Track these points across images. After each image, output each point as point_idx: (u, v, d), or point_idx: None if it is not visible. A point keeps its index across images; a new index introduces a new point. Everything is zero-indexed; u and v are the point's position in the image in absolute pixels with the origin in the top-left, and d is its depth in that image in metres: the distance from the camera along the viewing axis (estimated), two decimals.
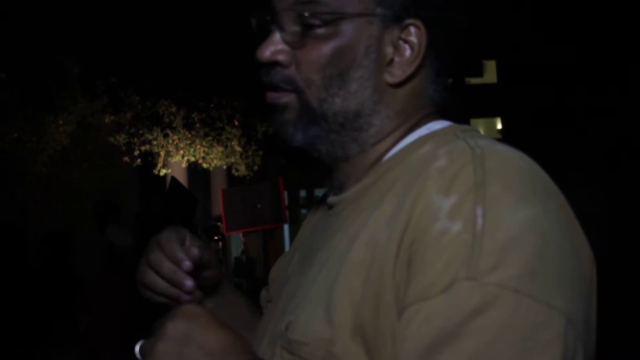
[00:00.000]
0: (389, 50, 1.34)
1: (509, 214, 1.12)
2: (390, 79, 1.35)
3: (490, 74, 23.80)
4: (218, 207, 16.58)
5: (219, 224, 14.65)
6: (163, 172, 15.50)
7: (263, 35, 1.41)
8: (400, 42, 1.35)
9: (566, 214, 1.21)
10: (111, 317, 5.70)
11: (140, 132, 15.02)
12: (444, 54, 1.38)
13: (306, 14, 1.32)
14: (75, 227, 13.12)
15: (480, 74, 24.29)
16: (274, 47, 1.36)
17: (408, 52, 1.34)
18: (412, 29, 1.34)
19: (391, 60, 1.35)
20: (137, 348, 1.24)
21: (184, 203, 6.96)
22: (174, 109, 14.96)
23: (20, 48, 12.50)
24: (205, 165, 15.97)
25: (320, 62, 1.33)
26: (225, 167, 16.72)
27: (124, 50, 13.39)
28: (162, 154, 15.41)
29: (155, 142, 15.21)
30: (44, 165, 13.77)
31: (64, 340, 6.08)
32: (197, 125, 15.28)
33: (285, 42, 1.35)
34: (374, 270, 1.20)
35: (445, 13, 1.36)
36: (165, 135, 15.22)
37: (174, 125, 15.13)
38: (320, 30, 1.32)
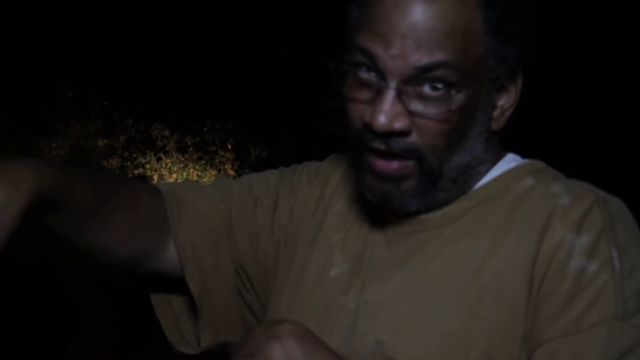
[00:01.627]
0: (494, 97, 1.30)
1: (638, 259, 1.20)
2: (494, 126, 1.32)
3: None
4: None
5: None
6: None
7: (341, 82, 1.29)
8: (500, 88, 1.31)
9: None
10: (104, 341, 5.68)
11: (134, 155, 15.03)
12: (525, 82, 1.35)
13: (435, 83, 1.20)
14: (68, 250, 13.07)
15: None
16: (392, 113, 1.21)
17: (505, 96, 1.32)
18: (512, 76, 1.31)
19: (494, 106, 1.31)
20: None
21: None
22: (167, 133, 14.97)
23: (14, 71, 12.51)
24: None
25: (449, 129, 1.23)
26: None
27: (117, 74, 13.41)
28: (155, 177, 15.40)
29: (148, 166, 15.20)
30: None
31: None
32: (191, 149, 15.29)
33: (406, 108, 1.22)
34: (503, 302, 1.22)
35: (537, 45, 1.33)
36: (159, 159, 15.23)
37: (167, 149, 15.14)
38: (448, 95, 1.21)
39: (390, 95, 1.21)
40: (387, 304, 1.32)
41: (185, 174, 15.50)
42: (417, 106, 1.21)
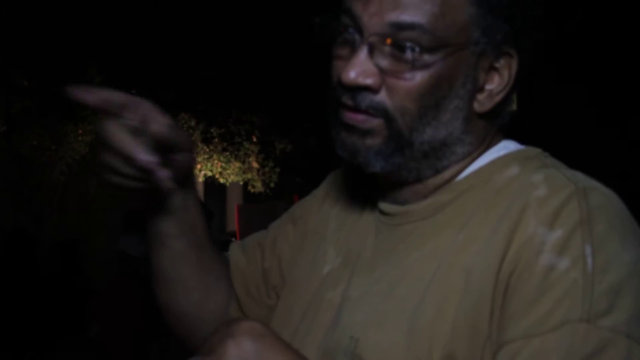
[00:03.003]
0: (481, 77, 1.28)
1: (616, 256, 1.12)
2: (478, 107, 1.29)
3: None
4: (233, 222, 16.57)
5: (234, 239, 14.69)
6: None
7: (328, 43, 1.31)
8: (491, 70, 1.28)
9: None
10: (122, 325, 5.70)
11: None
12: (523, 71, 1.31)
13: (408, 44, 1.21)
14: (91, 236, 13.14)
15: None
16: (361, 68, 1.23)
17: (497, 79, 1.29)
18: (505, 58, 1.28)
19: (481, 88, 1.28)
20: None
21: None
22: (193, 123, 14.98)
23: (43, 56, 12.56)
24: (222, 180, 15.99)
25: (419, 92, 1.23)
26: (241, 182, 16.74)
27: (145, 62, 13.44)
28: None
29: None
30: (62, 173, 13.79)
31: (74, 346, 6.08)
32: (216, 140, 15.30)
33: (377, 65, 1.23)
34: (469, 300, 1.18)
35: (537, 44, 1.30)
36: None
37: (193, 139, 15.16)
38: (420, 58, 1.21)
39: (362, 51, 1.23)
40: (366, 298, 1.30)
41: (209, 165, 15.52)
42: (387, 64, 1.23)
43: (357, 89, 1.24)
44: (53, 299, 6.60)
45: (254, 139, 15.28)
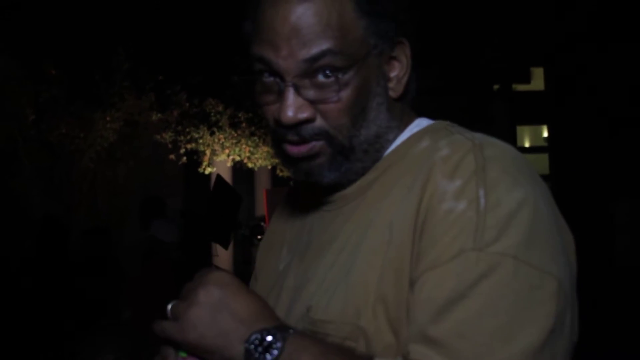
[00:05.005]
0: (386, 69, 1.48)
1: (507, 194, 1.31)
2: (393, 94, 1.50)
3: (537, 81, 23.55)
4: (262, 207, 16.63)
5: (263, 223, 14.74)
6: (208, 170, 15.59)
7: (252, 88, 1.48)
8: (391, 59, 1.48)
9: (550, 197, 1.39)
10: (154, 310, 5.74)
11: (187, 130, 15.11)
12: (414, 49, 1.50)
13: (325, 71, 1.39)
14: (120, 222, 13.21)
15: (527, 80, 24.08)
16: (295, 106, 1.41)
17: (398, 66, 1.49)
18: (399, 46, 1.48)
19: (389, 78, 1.49)
20: (168, 308, 1.36)
21: (228, 201, 7.02)
22: (220, 108, 15.01)
23: (70, 44, 12.62)
24: (250, 165, 16.03)
25: (348, 107, 1.42)
26: (270, 167, 16.79)
27: (173, 47, 13.47)
28: (208, 152, 15.50)
29: (201, 141, 15.29)
30: (91, 161, 13.87)
31: (106, 331, 6.13)
32: (243, 124, 15.33)
33: (307, 99, 1.41)
34: (393, 249, 1.37)
35: (414, 17, 1.50)
36: (212, 134, 15.29)
37: (221, 124, 15.19)
38: (339, 79, 1.40)
39: (290, 92, 1.41)
40: (317, 273, 1.50)
41: (237, 149, 15.57)
42: (314, 94, 1.41)
43: (298, 124, 1.42)
44: (85, 285, 6.66)
45: None
